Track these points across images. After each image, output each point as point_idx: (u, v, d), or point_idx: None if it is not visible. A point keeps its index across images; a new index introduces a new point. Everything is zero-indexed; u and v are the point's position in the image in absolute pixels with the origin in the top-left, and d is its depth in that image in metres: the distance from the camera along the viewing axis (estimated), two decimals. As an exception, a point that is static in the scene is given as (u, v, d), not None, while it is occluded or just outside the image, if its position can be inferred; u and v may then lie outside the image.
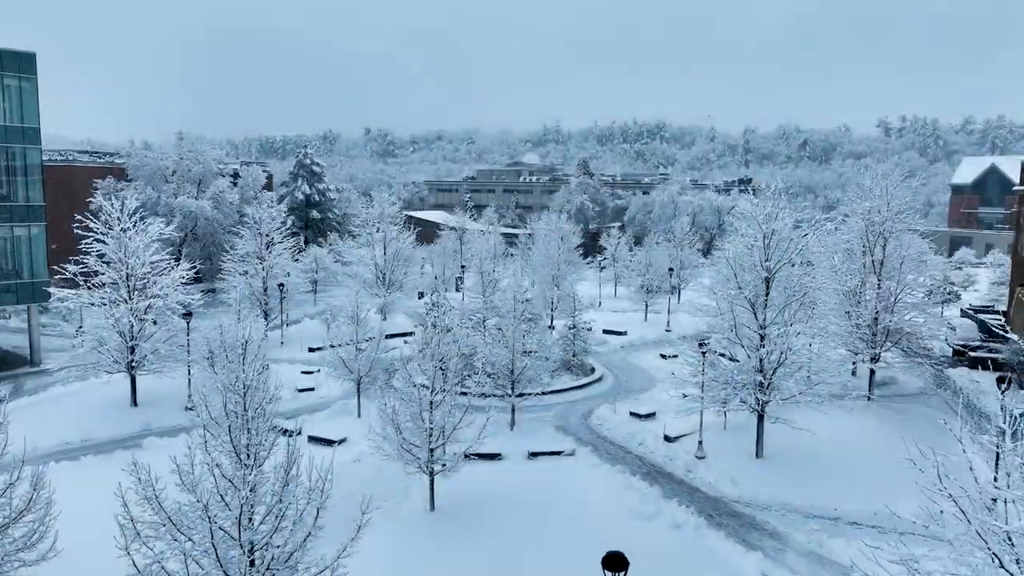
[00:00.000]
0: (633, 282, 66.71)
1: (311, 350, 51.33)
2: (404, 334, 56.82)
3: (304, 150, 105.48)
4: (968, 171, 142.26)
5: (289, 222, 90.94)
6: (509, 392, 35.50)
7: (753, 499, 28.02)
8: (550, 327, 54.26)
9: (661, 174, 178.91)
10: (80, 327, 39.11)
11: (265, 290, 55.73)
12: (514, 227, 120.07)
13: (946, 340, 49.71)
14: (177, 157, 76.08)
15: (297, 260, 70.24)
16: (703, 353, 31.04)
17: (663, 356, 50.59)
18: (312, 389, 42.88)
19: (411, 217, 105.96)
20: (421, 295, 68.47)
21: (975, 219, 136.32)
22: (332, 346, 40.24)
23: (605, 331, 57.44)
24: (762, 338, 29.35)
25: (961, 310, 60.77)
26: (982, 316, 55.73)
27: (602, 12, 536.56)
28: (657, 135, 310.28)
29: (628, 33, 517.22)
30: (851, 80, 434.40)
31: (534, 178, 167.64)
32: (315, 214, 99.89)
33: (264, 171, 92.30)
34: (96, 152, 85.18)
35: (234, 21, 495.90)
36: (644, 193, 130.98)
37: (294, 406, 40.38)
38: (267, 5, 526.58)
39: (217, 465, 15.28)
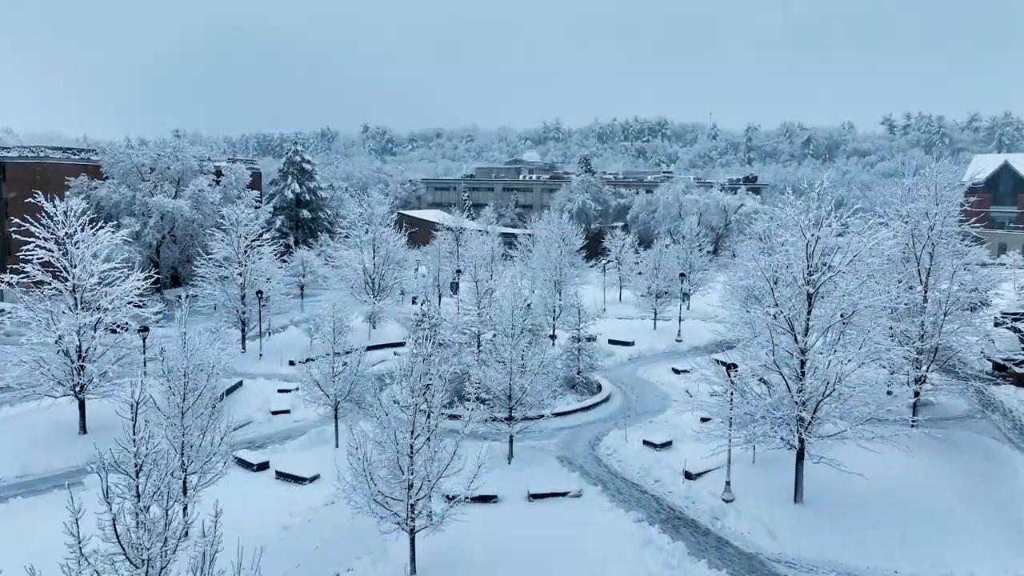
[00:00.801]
0: (640, 286, 61.97)
1: (291, 363, 46.99)
2: (394, 344, 52.64)
3: (295, 147, 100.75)
4: (979, 169, 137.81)
5: (277, 222, 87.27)
6: (507, 418, 31.19)
7: (796, 556, 23.64)
8: (552, 336, 49.95)
9: (665, 172, 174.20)
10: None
11: (243, 298, 51.19)
12: (513, 227, 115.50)
13: (983, 353, 45.23)
14: (155, 154, 71.67)
15: (285, 261, 65.76)
16: (732, 380, 26.43)
17: (675, 371, 46.34)
18: (288, 411, 38.47)
19: (406, 216, 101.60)
20: (415, 300, 64.06)
21: (987, 218, 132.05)
22: (305, 362, 35.94)
23: (611, 341, 53.19)
24: (803, 364, 24.90)
25: (995, 319, 56.31)
26: (1021, 325, 51.27)
27: (602, 12, 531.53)
28: (659, 133, 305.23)
29: (628, 33, 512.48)
30: (854, 78, 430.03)
31: (534, 176, 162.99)
32: (306, 214, 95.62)
33: (250, 168, 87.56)
34: (70, 149, 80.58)
35: (234, 21, 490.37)
36: (647, 192, 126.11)
37: (267, 431, 36.21)
38: (267, 5, 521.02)
39: (97, 573, 10.92)
